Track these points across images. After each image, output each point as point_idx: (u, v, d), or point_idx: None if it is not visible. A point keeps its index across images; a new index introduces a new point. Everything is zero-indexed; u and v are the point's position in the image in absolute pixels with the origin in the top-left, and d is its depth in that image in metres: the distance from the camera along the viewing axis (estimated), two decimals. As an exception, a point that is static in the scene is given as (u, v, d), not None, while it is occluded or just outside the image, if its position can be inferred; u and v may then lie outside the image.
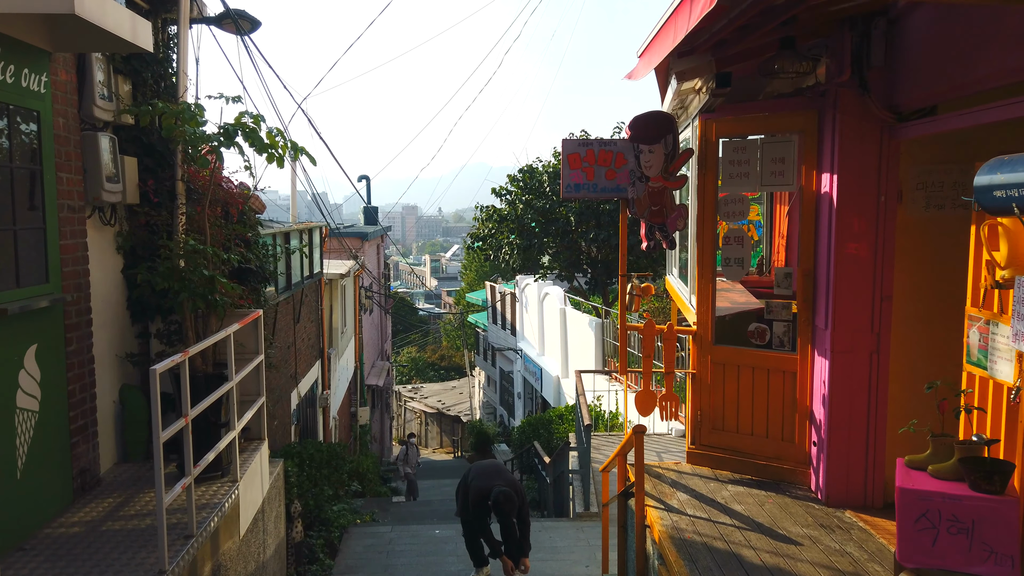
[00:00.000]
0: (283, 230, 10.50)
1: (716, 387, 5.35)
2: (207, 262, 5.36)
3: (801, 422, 5.02)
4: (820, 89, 4.71)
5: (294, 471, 7.86)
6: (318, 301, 13.69)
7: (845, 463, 4.73)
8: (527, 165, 15.91)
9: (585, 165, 5.35)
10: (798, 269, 4.94)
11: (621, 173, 5.36)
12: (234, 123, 5.18)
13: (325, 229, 14.06)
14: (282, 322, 10.67)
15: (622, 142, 5.35)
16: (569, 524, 8.91)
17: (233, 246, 6.11)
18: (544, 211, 15.17)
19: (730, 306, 5.76)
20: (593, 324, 15.72)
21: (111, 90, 5.43)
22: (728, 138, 5.22)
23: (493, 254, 16.50)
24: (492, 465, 7.08)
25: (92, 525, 4.47)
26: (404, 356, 50.82)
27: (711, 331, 5.33)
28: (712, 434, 5.40)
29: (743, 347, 5.27)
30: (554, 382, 19.06)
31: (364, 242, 21.67)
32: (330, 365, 14.27)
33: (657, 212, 5.27)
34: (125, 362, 5.76)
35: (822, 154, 4.76)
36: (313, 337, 13.16)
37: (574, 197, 5.49)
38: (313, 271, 12.86)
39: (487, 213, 16.33)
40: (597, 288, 16.23)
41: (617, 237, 14.96)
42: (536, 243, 15.27)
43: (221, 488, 5.20)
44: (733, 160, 5.20)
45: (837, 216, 4.59)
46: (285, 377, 10.84)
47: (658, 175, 5.23)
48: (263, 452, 6.24)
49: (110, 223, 5.53)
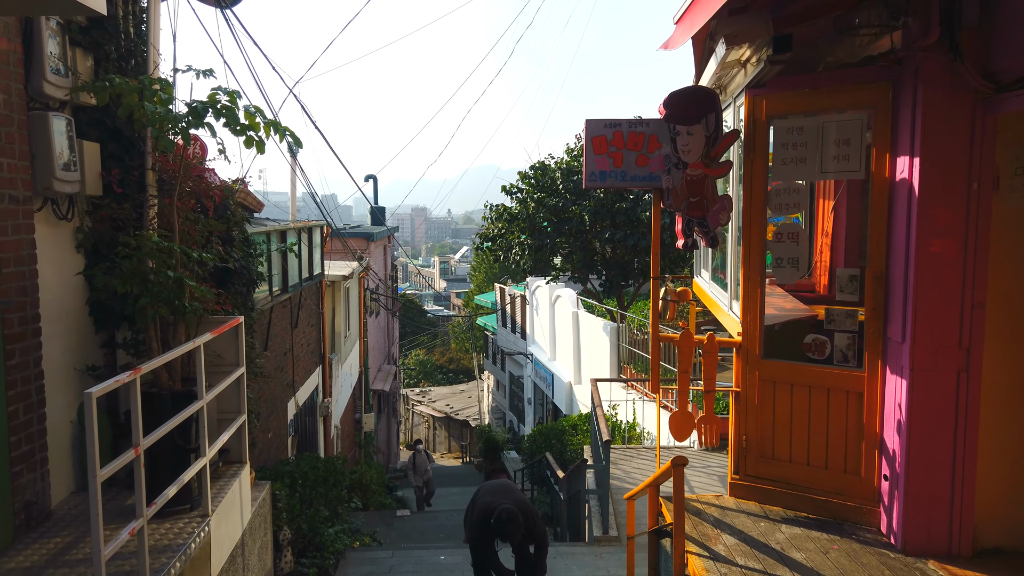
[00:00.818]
0: (278, 228, 9.80)
1: (765, 408, 4.58)
2: (175, 262, 4.64)
3: (869, 451, 4.25)
4: (896, 56, 3.94)
5: (284, 493, 7.13)
6: (319, 304, 13.00)
7: (926, 503, 3.95)
8: (539, 162, 15.17)
9: (612, 149, 4.59)
10: (867, 272, 4.17)
11: (654, 159, 4.61)
12: (207, 100, 4.47)
13: (327, 229, 13.36)
14: (278, 327, 9.97)
15: (656, 123, 4.60)
16: (587, 550, 8.15)
17: (210, 244, 5.39)
18: (557, 210, 14.41)
19: (776, 313, 4.99)
20: (608, 328, 14.96)
21: (67, 64, 4.72)
22: (781, 117, 4.46)
23: (503, 255, 15.75)
24: (501, 485, 6.34)
25: (31, 573, 3.76)
26: (412, 359, 50.17)
27: (759, 343, 4.56)
28: (760, 463, 4.63)
29: (798, 362, 4.50)
30: (566, 388, 18.30)
31: (370, 243, 20.99)
32: (331, 371, 13.57)
33: (696, 204, 4.52)
34: (86, 376, 5.04)
35: (899, 134, 3.98)
36: (313, 342, 12.47)
37: (598, 186, 4.74)
38: (313, 272, 12.16)
39: (497, 212, 15.58)
40: (612, 290, 15.46)
41: (634, 236, 14.18)
42: (548, 243, 14.51)
43: (189, 524, 4.47)
44: (787, 143, 4.43)
45: (919, 208, 3.82)
46: (281, 386, 10.14)
47: (698, 161, 4.48)
48: (244, 477, 5.52)
49: (67, 217, 4.82)
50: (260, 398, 8.91)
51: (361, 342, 19.16)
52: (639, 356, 13.92)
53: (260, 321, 8.90)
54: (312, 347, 12.41)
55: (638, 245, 13.85)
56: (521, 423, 26.27)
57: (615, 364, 14.88)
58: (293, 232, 10.65)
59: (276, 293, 9.74)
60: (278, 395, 9.89)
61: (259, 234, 8.39)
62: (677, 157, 4.50)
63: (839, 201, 6.25)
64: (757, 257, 4.52)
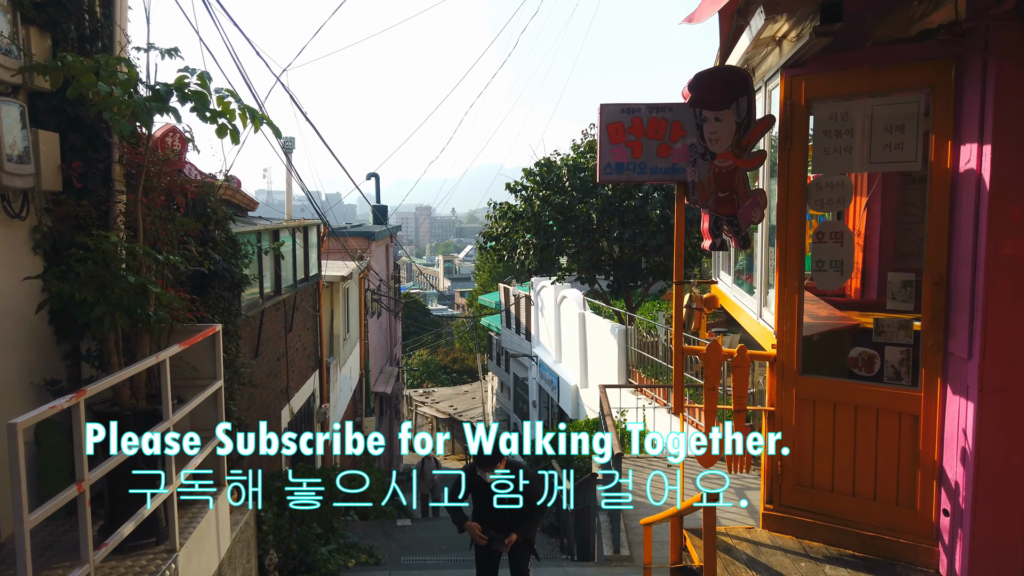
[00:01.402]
0: (270, 227, 9.29)
1: (803, 430, 4.05)
2: (138, 265, 4.13)
3: (926, 482, 3.72)
4: (961, 28, 3.41)
5: (272, 513, 6.63)
6: (316, 306, 12.49)
7: (995, 543, 3.42)
8: (544, 158, 14.63)
9: (630, 138, 4.07)
10: (924, 277, 3.63)
11: (678, 149, 4.08)
12: (173, 83, 3.96)
13: (324, 228, 12.85)
14: (270, 331, 9.47)
15: (679, 108, 4.07)
16: (597, 572, 7.62)
17: (181, 244, 4.88)
18: (563, 208, 13.86)
19: (813, 322, 4.46)
20: (616, 331, 14.41)
21: (19, 45, 4.23)
22: (823, 101, 3.93)
23: (507, 254, 15.21)
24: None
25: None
26: (415, 359, 49.66)
27: (797, 357, 4.03)
28: (798, 492, 4.10)
29: (841, 379, 3.97)
30: (572, 392, 17.78)
31: (371, 242, 20.49)
32: (329, 376, 13.08)
33: (726, 200, 3.99)
34: (44, 392, 4.55)
35: (964, 117, 3.45)
36: (309, 346, 11.96)
37: (614, 180, 4.21)
38: (309, 273, 11.66)
39: (501, 210, 15.03)
40: (620, 291, 14.90)
41: (643, 235, 13.64)
42: (554, 242, 13.97)
43: (153, 560, 3.97)
44: (830, 130, 3.90)
45: (989, 203, 3.29)
46: (274, 393, 9.64)
47: (727, 151, 3.95)
48: (221, 502, 5.02)
49: (20, 215, 4.31)
50: (251, 406, 8.41)
51: (362, 344, 18.67)
52: (648, 360, 13.38)
53: (250, 326, 8.40)
54: (308, 351, 11.91)
55: (647, 244, 13.32)
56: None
57: (623, 368, 14.34)
58: (287, 231, 10.15)
59: (268, 295, 9.24)
60: (271, 403, 9.39)
61: (247, 233, 7.88)
62: (704, 147, 3.97)
63: (873, 197, 5.71)
64: (795, 260, 3.99)
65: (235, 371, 6.37)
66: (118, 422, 3.71)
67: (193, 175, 6.36)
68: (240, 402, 7.99)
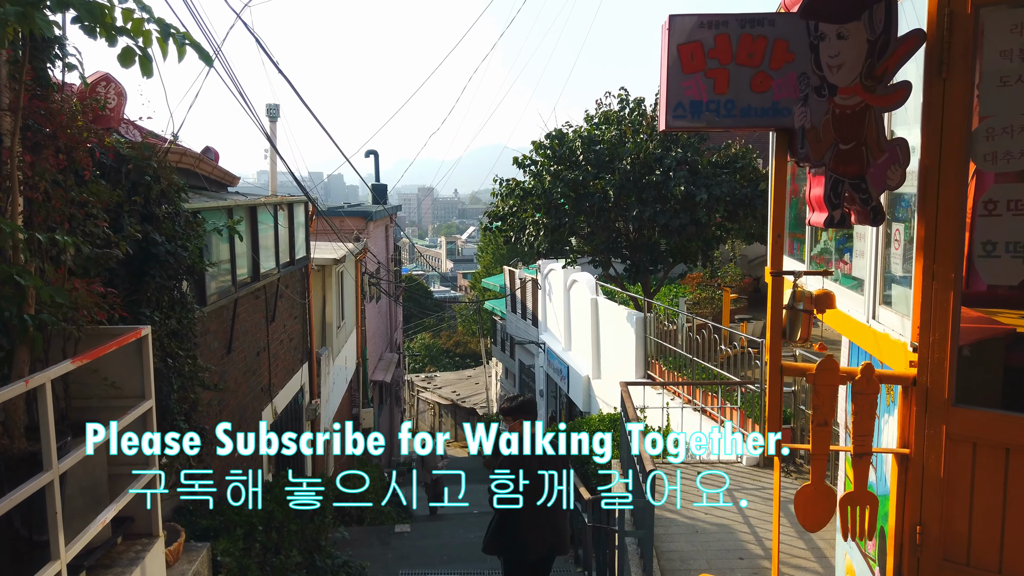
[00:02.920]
0: (246, 203, 8.06)
1: (958, 484, 2.84)
2: (9, 246, 2.92)
3: None
4: None
5: (237, 548, 5.47)
6: (304, 292, 11.30)
7: None
8: (556, 129, 13.34)
9: (712, 65, 2.82)
10: None
11: (782, 80, 2.83)
12: (52, -13, 2.72)
13: (312, 207, 11.61)
14: (247, 322, 8.27)
15: (785, 19, 2.82)
16: (627, 611, 6.46)
17: (89, 219, 3.66)
18: (576, 184, 12.59)
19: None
20: (633, 319, 13.20)
21: None
22: (998, 6, 2.68)
23: (515, 236, 13.98)
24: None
25: None
26: (417, 343, 48.59)
27: (949, 380, 2.81)
28: (946, 570, 2.90)
29: (1017, 413, 2.75)
30: (583, 383, 16.61)
31: (369, 223, 19.24)
32: (320, 368, 11.91)
33: (850, 154, 2.75)
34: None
35: None
36: (297, 337, 10.78)
37: (688, 128, 2.98)
38: (295, 257, 10.43)
39: (508, 187, 13.74)
40: (637, 276, 13.66)
41: (665, 214, 12.35)
42: (567, 222, 12.73)
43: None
44: (1007, 50, 2.66)
45: None
46: (253, 392, 8.47)
47: (854, 82, 2.71)
48: (154, 556, 3.83)
49: None
50: (222, 411, 7.24)
51: (359, 331, 17.50)
52: (668, 350, 12.19)
53: (220, 318, 7.21)
54: (296, 342, 10.73)
55: (669, 224, 12.08)
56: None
57: (642, 359, 13.14)
58: (267, 208, 8.91)
59: (244, 282, 8.03)
60: (248, 404, 8.22)
61: (212, 210, 6.66)
62: (820, 77, 2.73)
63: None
64: (950, 241, 2.76)
65: (191, 376, 5.19)
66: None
67: (132, 136, 5.13)
68: (210, 409, 6.81)
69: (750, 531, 7.09)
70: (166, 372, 4.72)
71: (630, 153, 12.57)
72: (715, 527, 7.14)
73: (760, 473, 8.65)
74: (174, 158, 5.72)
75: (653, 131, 12.98)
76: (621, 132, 13.13)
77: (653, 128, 13.03)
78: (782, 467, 8.74)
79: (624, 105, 13.69)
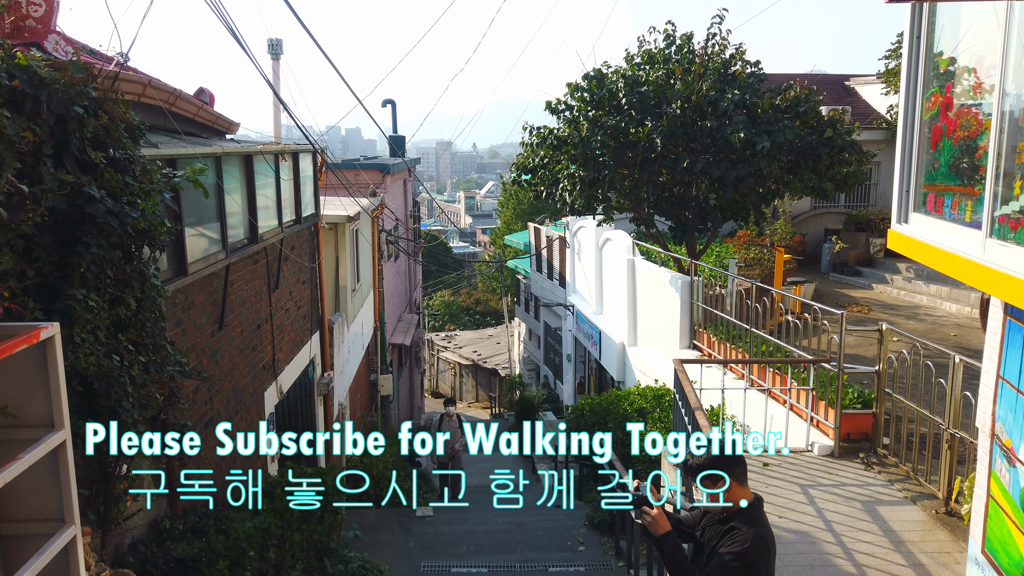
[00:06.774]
0: (238, 151, 6.77)
1: None
2: None
3: None
4: None
5: (224, 568, 4.36)
6: (313, 254, 10.08)
7: None
8: (595, 70, 11.77)
9: None
10: None
11: None
12: None
13: (322, 158, 10.28)
14: (244, 291, 7.08)
15: None
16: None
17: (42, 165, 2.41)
18: (617, 131, 11.13)
19: None
20: (678, 282, 11.86)
21: None
22: None
23: (546, 190, 12.59)
24: None
25: None
26: (437, 300, 47.59)
27: None
28: None
29: None
30: (617, 350, 15.38)
31: (386, 176, 17.92)
32: (333, 337, 10.76)
33: None
34: None
35: None
36: (305, 304, 9.60)
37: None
38: (301, 214, 9.18)
39: (540, 136, 12.26)
40: (684, 235, 12.25)
41: (721, 166, 10.88)
42: (606, 175, 11.29)
43: None
44: None
45: None
46: (253, 371, 7.33)
47: None
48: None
49: None
50: (212, 399, 6.12)
51: (376, 293, 16.35)
52: (718, 318, 10.87)
53: (208, 288, 6.02)
54: (304, 310, 9.56)
55: (725, 176, 10.63)
56: (559, 380, 23.59)
57: (687, 328, 11.84)
58: (266, 157, 7.62)
59: (237, 245, 6.81)
60: (247, 386, 7.09)
61: (191, 158, 5.39)
62: None
63: None
64: None
65: (158, 369, 4.02)
66: None
67: (56, 54, 3.83)
68: (197, 400, 5.67)
69: (835, 539, 5.93)
70: (116, 372, 3.54)
71: (680, 96, 11.04)
72: (792, 534, 5.99)
73: (836, 465, 7.42)
74: (132, 88, 4.43)
75: (706, 71, 11.41)
76: (669, 72, 11.56)
77: (706, 68, 11.45)
78: (862, 460, 7.53)
79: (671, 42, 12.07)
